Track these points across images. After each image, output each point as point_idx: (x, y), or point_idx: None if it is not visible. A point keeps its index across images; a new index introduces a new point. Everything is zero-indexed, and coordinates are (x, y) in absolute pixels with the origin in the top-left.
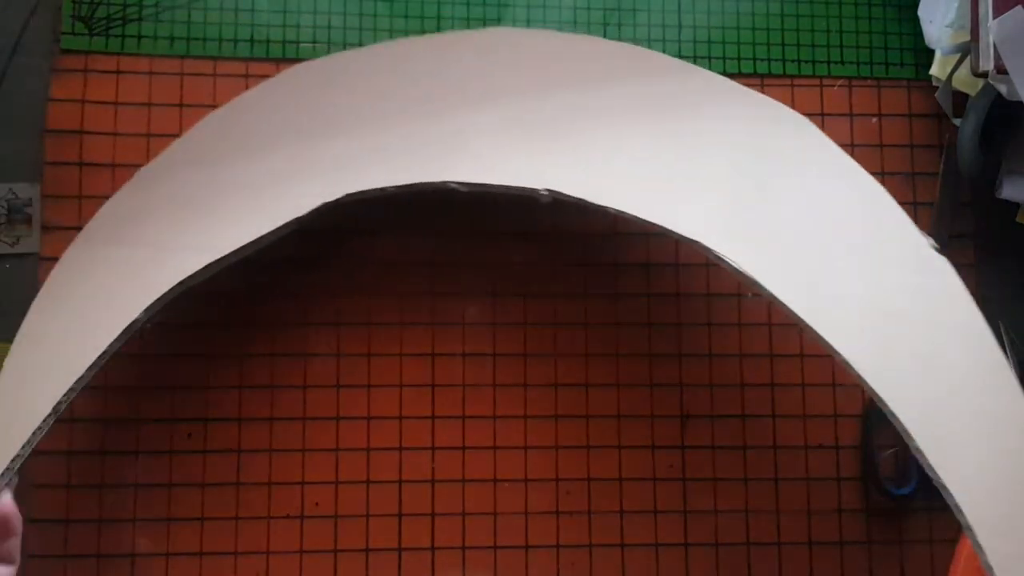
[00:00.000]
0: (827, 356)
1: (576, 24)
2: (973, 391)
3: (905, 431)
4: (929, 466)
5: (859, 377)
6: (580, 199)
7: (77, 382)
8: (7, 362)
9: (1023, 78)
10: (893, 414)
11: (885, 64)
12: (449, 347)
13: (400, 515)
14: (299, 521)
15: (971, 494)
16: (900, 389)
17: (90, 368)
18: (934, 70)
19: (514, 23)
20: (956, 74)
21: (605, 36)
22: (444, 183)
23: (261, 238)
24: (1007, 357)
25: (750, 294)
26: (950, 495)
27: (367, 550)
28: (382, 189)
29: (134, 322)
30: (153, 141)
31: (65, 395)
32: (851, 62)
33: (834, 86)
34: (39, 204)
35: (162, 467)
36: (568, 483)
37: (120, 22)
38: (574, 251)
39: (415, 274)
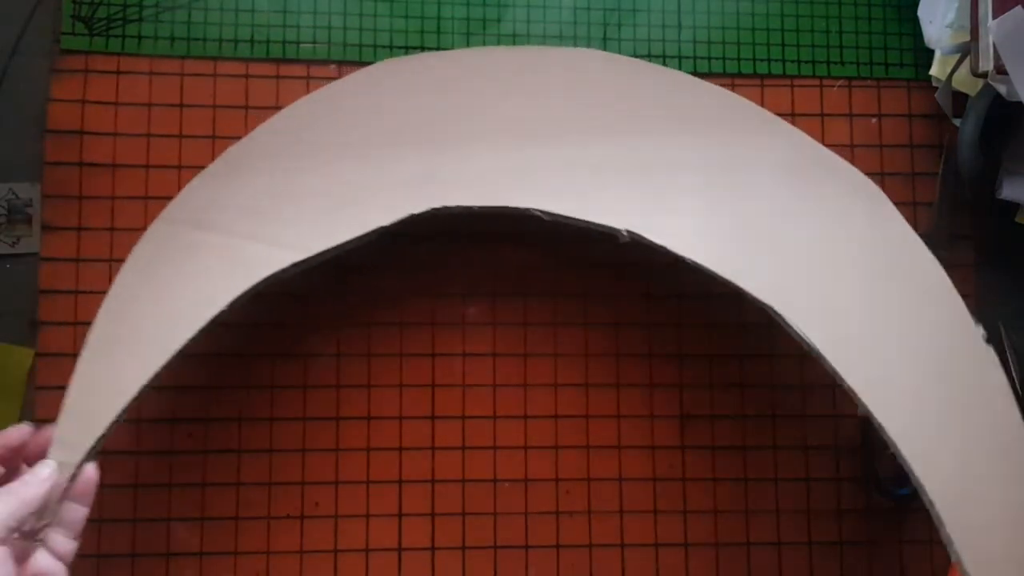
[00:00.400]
0: None
1: (576, 24)
2: (1002, 476)
3: (938, 518)
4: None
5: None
6: (662, 246)
7: (164, 365)
8: (91, 337)
9: (1023, 78)
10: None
11: (885, 64)
12: (449, 347)
13: (400, 515)
14: (299, 521)
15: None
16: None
17: (175, 355)
18: (934, 70)
19: (514, 24)
20: (956, 74)
21: (605, 37)
22: (528, 209)
23: (347, 242)
24: (1007, 357)
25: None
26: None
27: (367, 550)
28: (467, 207)
29: (219, 313)
30: (153, 141)
31: (151, 379)
32: (851, 62)
33: (834, 86)
34: (39, 204)
35: (163, 467)
36: (568, 483)
37: (120, 22)
38: (574, 251)
39: (415, 274)
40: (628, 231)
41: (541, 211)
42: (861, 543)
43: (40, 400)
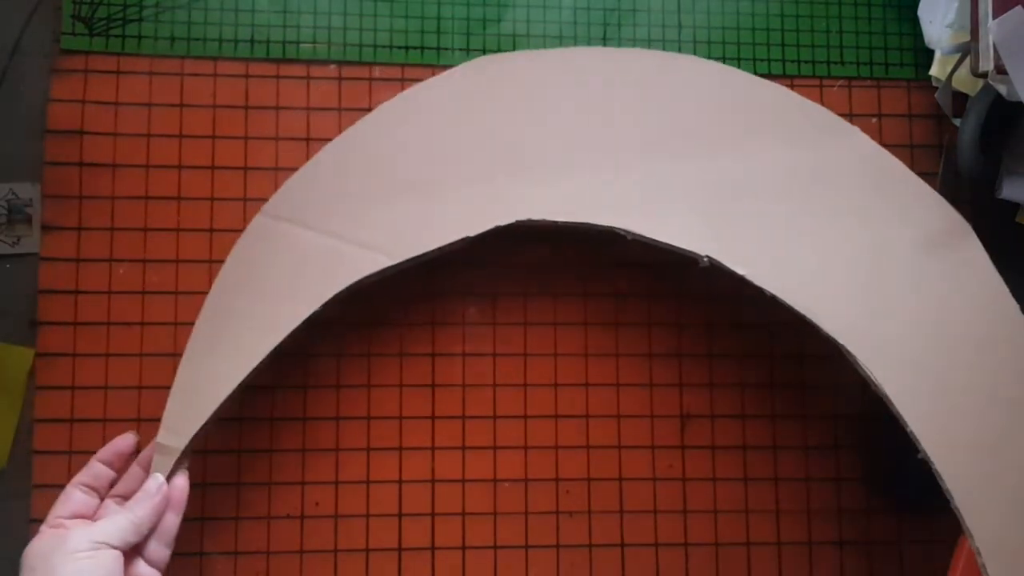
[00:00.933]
0: (827, 356)
1: (576, 24)
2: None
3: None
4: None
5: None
6: (742, 275)
7: (258, 366)
8: (195, 333)
9: (1023, 78)
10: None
11: (885, 64)
12: (449, 347)
13: (400, 515)
14: (299, 521)
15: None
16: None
17: (270, 354)
18: (934, 70)
19: (514, 24)
20: (956, 74)
21: (605, 37)
22: (611, 228)
23: (435, 249)
24: None
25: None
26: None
27: (367, 550)
28: (552, 222)
29: (313, 314)
30: (153, 141)
31: (246, 378)
32: (851, 62)
33: (834, 86)
34: (39, 204)
35: None
36: (568, 483)
37: (120, 22)
38: (574, 251)
39: (415, 274)
40: (708, 257)
41: (624, 230)
42: (861, 543)
43: (40, 400)
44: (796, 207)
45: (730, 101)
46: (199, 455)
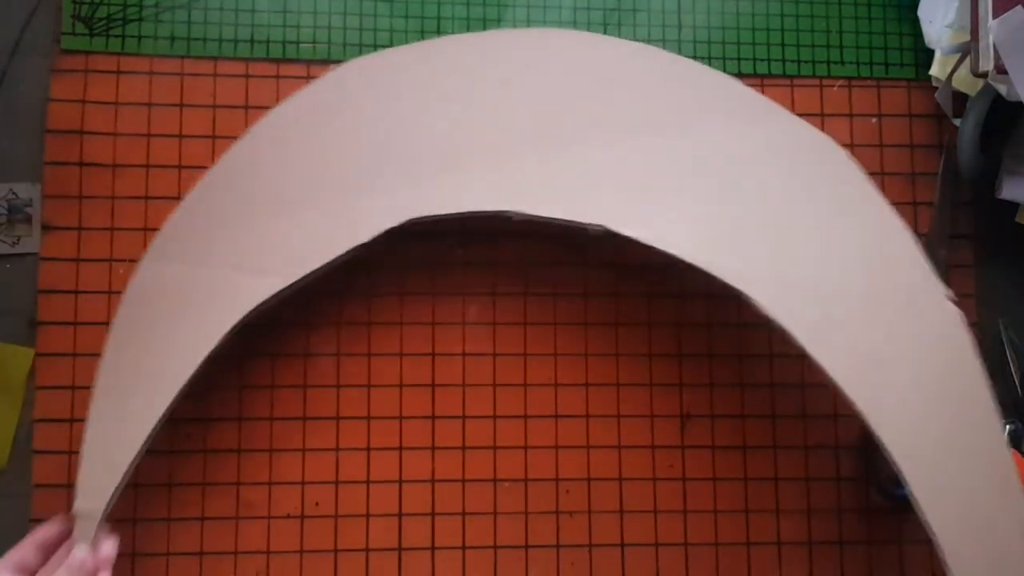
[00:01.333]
0: None
1: (576, 24)
2: (963, 440)
3: (899, 469)
4: (920, 510)
5: (859, 412)
6: (635, 238)
7: (164, 412)
8: (95, 393)
9: (1023, 78)
10: (888, 451)
11: (885, 64)
12: (449, 347)
13: (400, 515)
14: (299, 521)
15: (951, 535)
16: (898, 432)
17: (175, 398)
18: (934, 70)
19: (514, 24)
20: (956, 74)
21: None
22: (500, 212)
23: (328, 264)
24: (1008, 356)
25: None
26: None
27: (367, 550)
28: (441, 216)
29: (213, 351)
30: (153, 141)
31: (153, 429)
32: (851, 62)
33: (834, 86)
34: (39, 204)
35: (162, 467)
36: (568, 483)
37: (120, 22)
38: (574, 251)
39: (415, 274)
40: (599, 225)
41: (513, 212)
42: (861, 543)
43: (40, 400)
44: (687, 172)
45: (600, 75)
46: (199, 454)
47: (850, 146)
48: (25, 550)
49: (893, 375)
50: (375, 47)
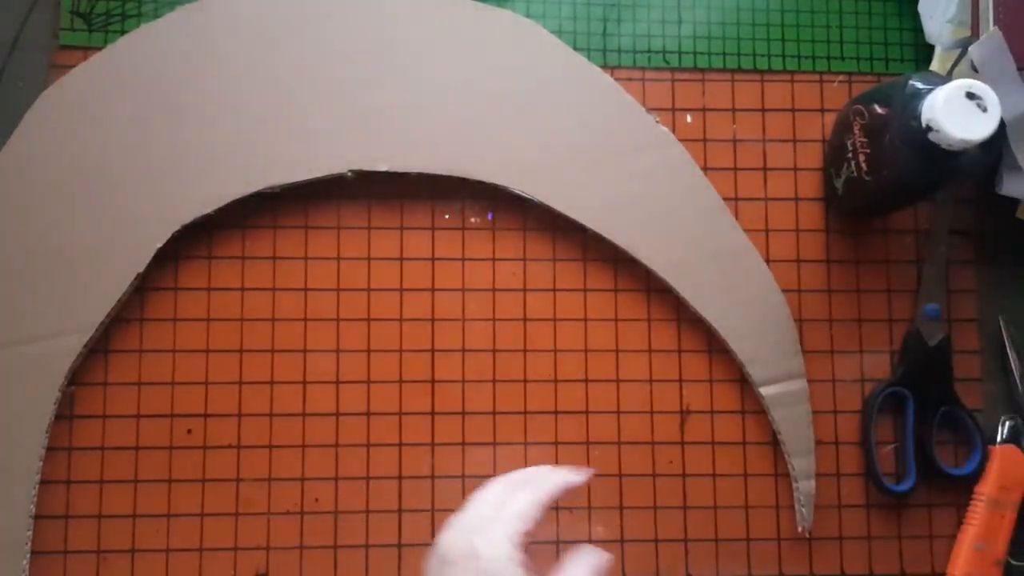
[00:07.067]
0: (828, 352)
1: (576, 20)
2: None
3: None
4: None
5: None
6: (385, 170)
7: None
8: None
9: (1005, 99)
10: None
11: (885, 60)
12: (449, 342)
13: (400, 511)
14: (299, 517)
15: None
16: (650, 248)
17: None
18: (934, 66)
19: None
20: (956, 70)
21: (605, 32)
22: (269, 187)
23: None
24: (1008, 352)
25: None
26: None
27: (367, 546)
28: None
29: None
30: None
31: None
32: (851, 57)
33: (834, 82)
34: None
35: (162, 463)
36: None
37: (119, 18)
38: (575, 247)
39: (416, 268)
40: (351, 170)
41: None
42: (861, 538)
43: None
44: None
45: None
46: (198, 450)
47: None
48: None
49: (640, 206)
50: None
